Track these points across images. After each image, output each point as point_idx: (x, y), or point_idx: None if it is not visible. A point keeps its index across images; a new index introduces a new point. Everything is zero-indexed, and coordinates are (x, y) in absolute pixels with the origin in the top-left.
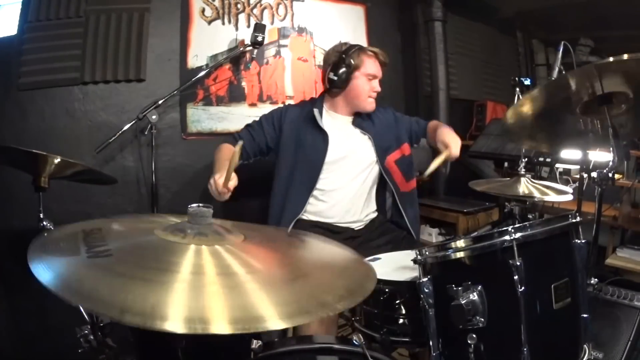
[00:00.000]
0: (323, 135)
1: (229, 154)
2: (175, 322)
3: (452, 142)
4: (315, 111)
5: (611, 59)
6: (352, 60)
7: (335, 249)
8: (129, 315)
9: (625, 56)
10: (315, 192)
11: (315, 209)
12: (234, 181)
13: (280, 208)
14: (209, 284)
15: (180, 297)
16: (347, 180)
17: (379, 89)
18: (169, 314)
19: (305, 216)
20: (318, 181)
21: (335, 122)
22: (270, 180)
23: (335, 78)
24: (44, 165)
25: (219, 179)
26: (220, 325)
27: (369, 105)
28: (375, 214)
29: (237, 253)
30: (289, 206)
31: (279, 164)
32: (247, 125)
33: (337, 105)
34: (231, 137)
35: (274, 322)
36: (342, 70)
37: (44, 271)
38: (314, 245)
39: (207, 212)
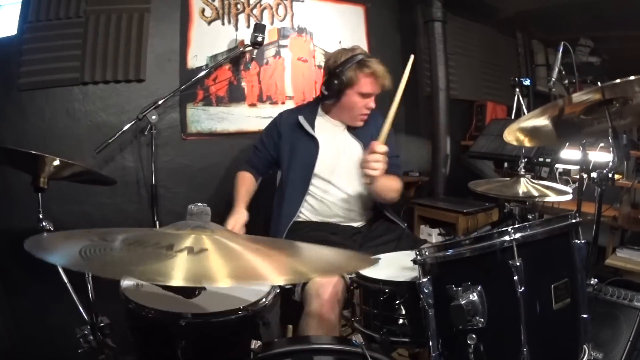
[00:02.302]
0: (314, 141)
1: (248, 183)
2: (178, 280)
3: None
4: (301, 118)
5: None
6: (345, 77)
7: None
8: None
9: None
10: (311, 194)
11: (316, 209)
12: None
13: (278, 213)
14: (210, 254)
15: (182, 262)
16: (344, 184)
17: (372, 106)
18: (172, 274)
19: (303, 217)
20: (311, 184)
21: (329, 126)
22: (273, 192)
23: (327, 92)
24: (43, 166)
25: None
26: (223, 280)
27: (359, 121)
28: (373, 214)
29: (234, 239)
30: (285, 210)
31: (280, 172)
32: (253, 147)
33: (331, 111)
34: (244, 164)
35: (275, 278)
36: (335, 84)
37: (49, 255)
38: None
39: (206, 211)
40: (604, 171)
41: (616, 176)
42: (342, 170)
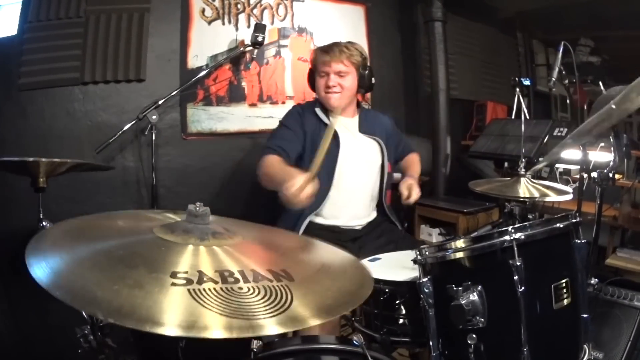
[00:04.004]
0: (335, 137)
1: (284, 165)
2: (170, 327)
3: (412, 195)
4: (318, 110)
5: None
6: (312, 61)
7: (334, 251)
8: (123, 317)
9: None
10: (329, 194)
11: (325, 211)
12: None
13: (298, 211)
14: (206, 289)
15: (176, 301)
16: (358, 184)
17: (332, 83)
18: (163, 319)
19: (316, 219)
20: (333, 183)
21: (341, 123)
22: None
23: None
24: (38, 168)
25: (299, 182)
26: (217, 331)
27: (329, 100)
28: (375, 214)
29: (235, 255)
30: (306, 209)
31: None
32: (275, 135)
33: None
34: (267, 150)
35: (271, 327)
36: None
37: (40, 270)
38: (313, 248)
39: (206, 212)
40: (605, 171)
41: (616, 176)
42: (360, 168)
